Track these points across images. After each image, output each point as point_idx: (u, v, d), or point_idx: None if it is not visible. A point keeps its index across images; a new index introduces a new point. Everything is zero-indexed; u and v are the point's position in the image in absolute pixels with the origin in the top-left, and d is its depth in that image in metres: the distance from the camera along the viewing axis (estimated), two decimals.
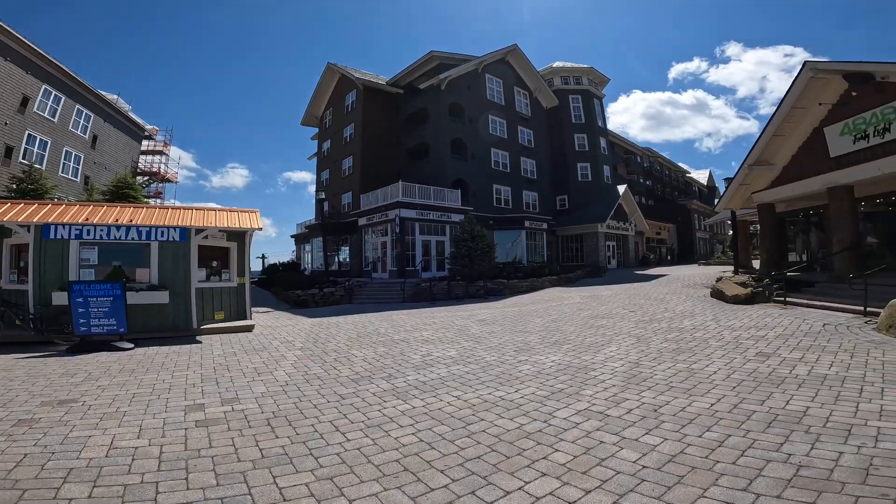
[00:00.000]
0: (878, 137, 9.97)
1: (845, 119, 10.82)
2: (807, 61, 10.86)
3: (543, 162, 31.88)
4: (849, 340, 6.39)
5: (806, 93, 11.44)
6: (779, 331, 7.44)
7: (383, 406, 4.53)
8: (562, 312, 11.38)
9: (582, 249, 31.08)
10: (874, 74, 9.82)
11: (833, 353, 5.73)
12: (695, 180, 53.32)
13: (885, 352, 5.60)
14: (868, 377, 4.54)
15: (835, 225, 11.35)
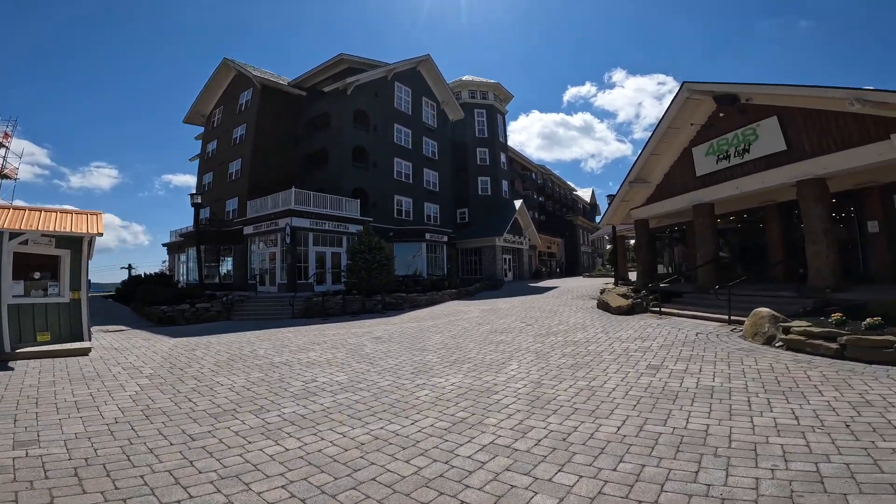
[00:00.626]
0: (738, 158, 11.25)
1: (711, 140, 12.05)
2: (685, 82, 11.93)
3: (446, 174, 32.19)
4: (722, 349, 6.87)
5: (681, 113, 12.55)
6: (660, 341, 7.84)
7: (247, 449, 3.64)
8: (462, 328, 11.08)
9: (480, 262, 31.80)
10: (739, 96, 10.96)
11: (712, 362, 6.05)
12: (580, 198, 58.44)
13: (756, 359, 6.06)
14: (751, 387, 4.74)
15: (699, 240, 12.69)
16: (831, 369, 5.37)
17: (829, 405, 4.03)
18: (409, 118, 29.47)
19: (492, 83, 36.34)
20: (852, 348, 5.96)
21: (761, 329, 7.56)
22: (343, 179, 24.61)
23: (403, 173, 28.39)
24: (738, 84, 10.55)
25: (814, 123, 9.32)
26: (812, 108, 9.30)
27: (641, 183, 14.76)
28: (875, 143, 8.08)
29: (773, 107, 10.16)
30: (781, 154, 10.04)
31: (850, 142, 8.59)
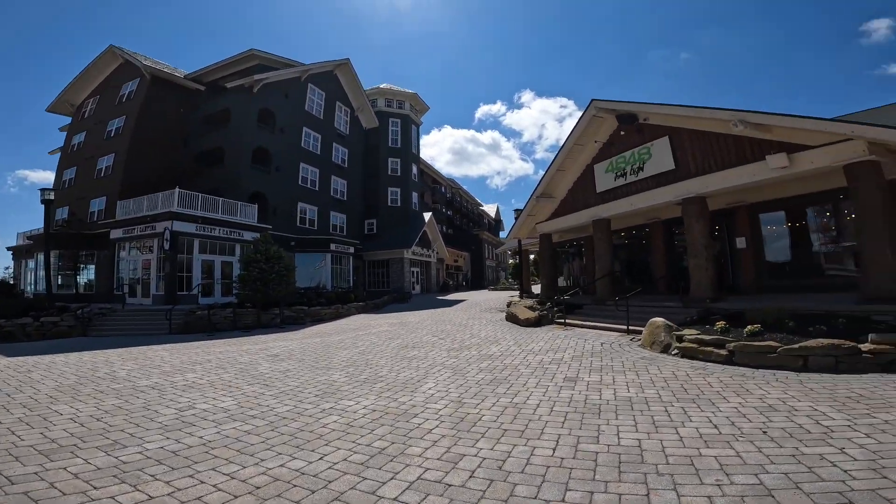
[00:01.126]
0: (633, 175, 12.11)
1: (611, 157, 12.87)
2: (593, 99, 12.63)
3: (355, 183, 31.10)
4: (627, 359, 7.10)
5: (587, 130, 13.26)
6: (571, 352, 7.95)
7: (90, 497, 2.76)
8: (371, 342, 10.35)
9: (388, 275, 31.08)
10: (638, 115, 11.80)
11: (622, 372, 6.16)
12: (486, 213, 60.66)
13: (660, 368, 6.30)
14: (664, 397, 4.80)
15: (597, 254, 13.47)
16: (725, 375, 5.73)
17: (739, 412, 4.16)
18: (321, 122, 28.09)
19: (409, 93, 36.25)
20: (740, 354, 6.46)
21: (658, 338, 8.01)
22: (240, 182, 22.47)
23: (310, 179, 26.81)
24: (638, 103, 11.41)
25: (699, 144, 10.33)
26: (698, 130, 10.31)
27: (547, 198, 15.40)
28: (751, 164, 9.13)
29: (666, 127, 11.11)
30: (670, 173, 11.00)
31: (730, 162, 9.63)
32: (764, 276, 11.49)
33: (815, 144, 8.25)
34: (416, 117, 37.75)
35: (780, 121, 8.30)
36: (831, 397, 4.46)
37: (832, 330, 6.51)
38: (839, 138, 7.81)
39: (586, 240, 17.71)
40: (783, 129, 8.49)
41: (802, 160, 8.39)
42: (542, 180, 15.14)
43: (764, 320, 7.48)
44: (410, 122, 36.52)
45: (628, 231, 15.82)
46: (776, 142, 8.79)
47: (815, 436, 3.42)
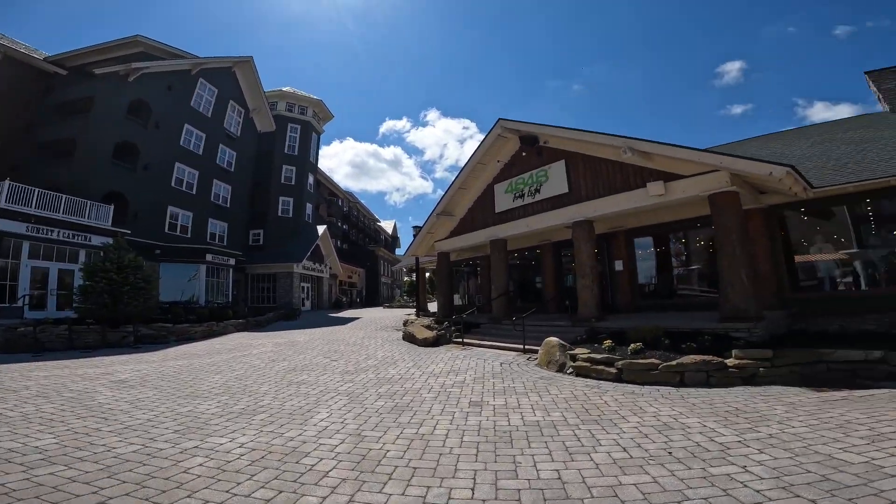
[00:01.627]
0: (530, 197, 12.51)
1: (511, 178, 13.20)
2: (500, 119, 12.90)
3: (242, 189, 28.35)
4: (528, 379, 7.09)
5: (491, 149, 13.53)
6: (472, 374, 7.74)
7: None
8: (251, 365, 9.08)
9: (275, 290, 28.64)
10: (539, 137, 12.27)
11: (525, 394, 6.06)
12: (383, 229, 59.80)
13: (559, 388, 6.33)
14: (569, 420, 4.73)
15: (494, 274, 13.72)
16: (618, 393, 5.92)
17: (640, 432, 4.21)
18: (207, 121, 25.27)
19: (314, 99, 34.47)
20: (627, 372, 6.80)
21: (553, 357, 8.20)
22: (94, 178, 19.09)
23: (186, 182, 23.78)
24: (541, 125, 11.92)
25: (591, 170, 11.06)
26: (590, 155, 11.03)
27: (447, 216, 15.43)
28: (634, 191, 9.94)
29: (563, 151, 11.73)
30: (564, 196, 11.60)
31: (616, 188, 10.41)
32: (637, 297, 12.70)
33: (687, 174, 9.13)
34: (319, 125, 36.04)
35: (660, 149, 9.17)
36: (713, 412, 4.77)
37: (700, 347, 7.18)
38: (707, 169, 8.72)
39: (483, 259, 18.13)
40: (662, 157, 9.38)
41: (676, 188, 9.28)
42: (444, 198, 15.15)
43: (644, 338, 8.07)
44: (311, 130, 34.71)
45: (521, 252, 16.53)
46: (656, 170, 9.69)
47: (715, 454, 3.52)
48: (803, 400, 5.09)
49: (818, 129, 14.85)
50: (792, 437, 3.81)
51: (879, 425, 3.96)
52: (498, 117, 12.93)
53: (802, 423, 4.22)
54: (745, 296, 8.31)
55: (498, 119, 12.86)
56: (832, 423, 4.13)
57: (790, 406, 4.85)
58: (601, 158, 10.86)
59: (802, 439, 3.75)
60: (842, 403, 4.84)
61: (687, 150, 8.81)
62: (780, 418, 4.41)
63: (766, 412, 4.65)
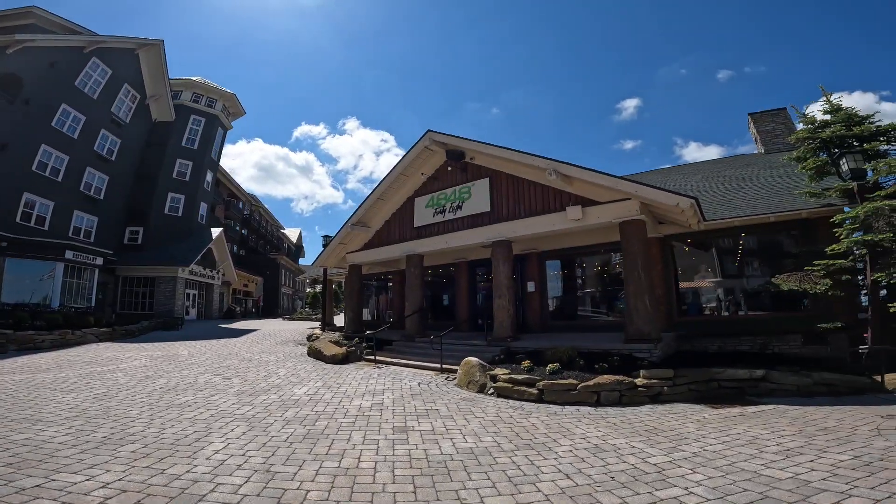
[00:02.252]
0: (451, 213, 12.25)
1: (433, 192, 12.88)
2: (429, 130, 12.46)
3: (122, 181, 24.59)
4: (451, 401, 6.75)
5: (416, 161, 13.03)
6: (390, 395, 7.20)
7: None
8: (117, 382, 7.54)
9: (153, 296, 25.04)
10: (466, 153, 12.08)
11: (450, 417, 5.71)
12: (287, 237, 56.04)
13: (484, 409, 6.09)
14: (503, 445, 4.46)
15: (409, 290, 13.28)
16: (543, 414, 5.83)
17: (576, 455, 4.07)
18: (92, 103, 21.88)
19: (226, 92, 31.41)
20: (548, 392, 6.79)
21: (473, 378, 7.97)
22: None
23: (51, 167, 20.03)
24: (470, 140, 11.74)
25: (513, 190, 11.19)
26: (514, 175, 11.14)
27: (362, 227, 14.72)
28: (552, 214, 10.21)
29: (488, 169, 11.72)
30: (485, 215, 11.57)
31: (536, 210, 10.60)
32: (547, 317, 13.13)
33: (602, 200, 9.56)
34: (227, 120, 32.85)
35: (582, 174, 9.51)
36: (635, 431, 4.84)
37: (611, 367, 7.48)
38: (621, 196, 9.19)
39: (395, 274, 17.63)
40: (581, 182, 9.72)
41: (592, 214, 9.69)
42: (360, 208, 14.44)
43: (560, 359, 8.22)
44: (218, 124, 31.50)
45: (436, 269, 16.35)
46: (574, 195, 10.03)
47: (654, 477, 3.46)
48: (707, 417, 5.41)
49: (705, 165, 16.84)
50: (714, 455, 3.93)
51: (784, 440, 4.27)
52: (425, 130, 12.64)
53: (717, 440, 4.41)
54: (648, 319, 8.87)
55: (427, 130, 12.58)
56: (742, 440, 4.37)
57: (699, 423, 5.11)
58: (524, 179, 11.08)
59: (724, 457, 3.87)
60: (741, 419, 5.21)
61: (606, 176, 9.29)
62: (696, 436, 4.58)
63: (681, 430, 4.83)
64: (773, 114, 17.07)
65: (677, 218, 9.76)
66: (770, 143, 16.80)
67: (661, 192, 8.70)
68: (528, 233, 10.79)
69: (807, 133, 10.21)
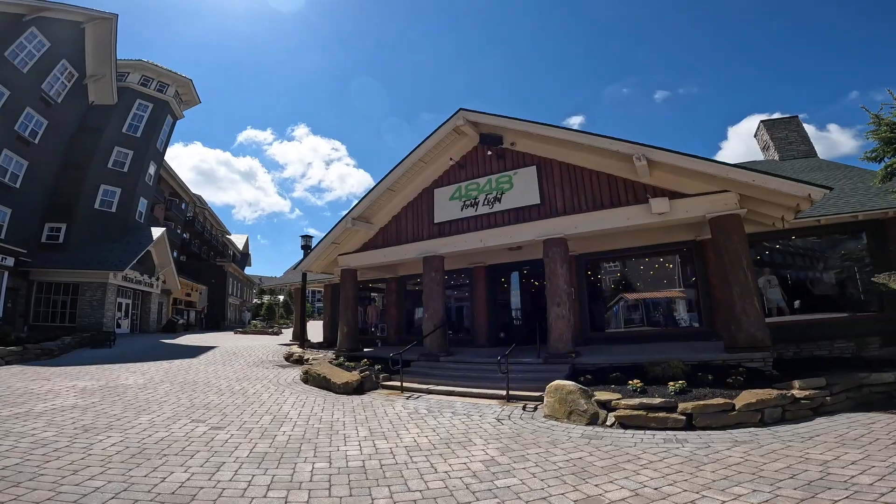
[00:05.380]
0: (486, 207, 10.11)
1: (460, 182, 10.73)
2: (461, 108, 10.22)
3: (45, 168, 20.28)
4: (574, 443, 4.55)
5: (439, 145, 10.80)
6: (482, 442, 4.97)
7: None
8: (35, 443, 4.59)
9: (77, 305, 20.56)
10: (504, 138, 10.10)
11: (605, 473, 3.48)
12: (232, 243, 50.73)
13: (644, 450, 3.89)
14: None
15: (428, 299, 10.84)
16: (726, 446, 3.74)
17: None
18: (19, 76, 18.18)
19: (181, 78, 27.44)
20: (700, 416, 5.26)
21: (577, 407, 5.91)
22: None
23: None
24: (515, 119, 9.68)
25: (570, 180, 9.30)
26: (571, 164, 9.31)
27: (364, 223, 12.14)
28: (627, 207, 8.50)
29: (533, 156, 9.82)
30: (533, 209, 9.63)
31: (602, 203, 8.85)
32: (588, 328, 11.23)
33: (691, 192, 8.14)
34: (178, 108, 28.55)
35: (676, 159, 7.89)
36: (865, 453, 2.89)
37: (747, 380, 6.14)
38: (718, 188, 7.82)
39: (390, 282, 15.10)
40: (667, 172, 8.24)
41: (680, 207, 8.18)
42: (363, 201, 11.87)
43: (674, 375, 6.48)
44: (167, 112, 27.22)
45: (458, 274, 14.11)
46: (653, 186, 8.45)
47: None
48: None
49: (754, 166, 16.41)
50: None
51: None
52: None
53: None
54: (760, 324, 7.52)
55: (459, 109, 10.38)
56: None
57: None
58: (584, 168, 9.30)
59: None
60: None
61: (712, 163, 7.73)
62: None
63: None
64: (785, 121, 16.97)
65: (768, 214, 8.36)
66: (784, 150, 16.42)
67: (788, 181, 7.18)
68: (591, 229, 8.95)
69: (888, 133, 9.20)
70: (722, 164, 7.67)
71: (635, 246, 10.73)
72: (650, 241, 10.43)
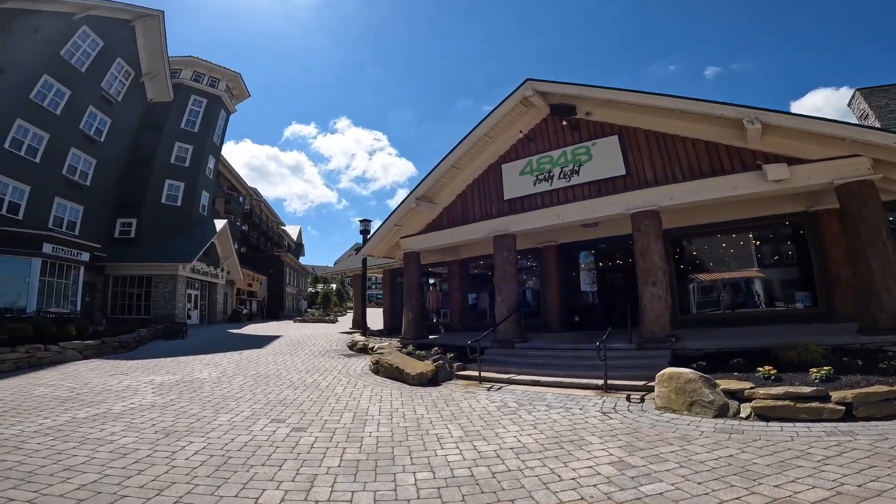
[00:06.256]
0: (563, 180, 9.36)
1: (531, 156, 10.01)
2: (528, 79, 9.52)
3: (112, 165, 21.18)
4: (713, 440, 3.70)
5: (505, 118, 10.15)
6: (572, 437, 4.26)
7: None
8: (115, 451, 4.34)
9: (149, 298, 21.62)
10: (577, 108, 9.26)
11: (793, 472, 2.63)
12: (287, 234, 52.33)
13: (817, 448, 2.96)
14: None
15: (500, 281, 10.18)
16: None
17: None
18: (78, 76, 18.77)
19: (230, 72, 28.04)
20: (862, 406, 4.43)
21: (700, 397, 5.09)
22: None
23: (28, 146, 16.75)
24: (592, 87, 8.90)
25: (659, 148, 8.41)
26: (660, 132, 8.37)
27: (427, 203, 11.60)
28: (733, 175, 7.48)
29: (612, 125, 9.01)
30: (617, 180, 8.76)
31: (702, 172, 7.82)
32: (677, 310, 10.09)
33: (814, 158, 7.01)
34: (231, 102, 29.26)
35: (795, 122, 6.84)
36: None
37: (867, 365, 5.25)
38: (846, 152, 6.73)
39: (452, 265, 14.47)
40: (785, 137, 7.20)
41: (801, 174, 7.08)
42: (426, 180, 11.32)
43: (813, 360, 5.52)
44: (221, 106, 27.93)
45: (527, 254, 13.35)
46: (761, 152, 7.38)
47: None
48: None
49: None
50: None
51: None
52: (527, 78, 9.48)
53: None
54: None
55: (526, 79, 9.56)
56: None
57: None
58: (675, 135, 8.32)
59: None
60: None
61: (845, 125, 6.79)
62: None
63: None
64: (884, 89, 15.12)
65: None
66: (885, 119, 14.58)
67: None
68: (688, 200, 8.02)
69: None
70: (857, 125, 6.72)
71: (730, 220, 9.56)
72: (748, 214, 9.22)
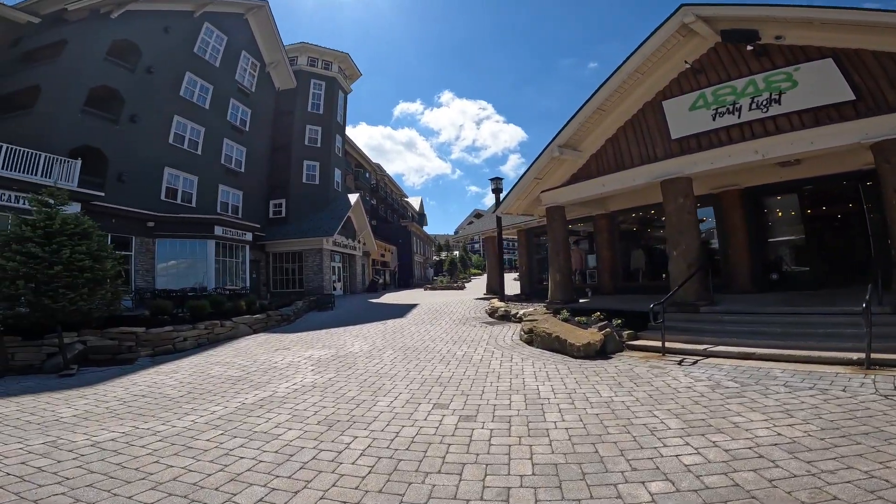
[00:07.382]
0: (757, 111, 7.26)
1: (702, 89, 8.03)
2: (683, 4, 7.66)
3: (259, 153, 23.29)
4: None
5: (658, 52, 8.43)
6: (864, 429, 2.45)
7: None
8: (280, 450, 3.96)
9: (301, 271, 23.70)
10: (760, 32, 7.23)
11: None
12: (410, 205, 54.25)
13: None
14: None
15: (676, 233, 8.23)
16: None
17: None
18: (215, 71, 20.48)
19: (340, 53, 28.97)
20: None
21: None
22: (59, 131, 14.31)
23: (188, 139, 18.76)
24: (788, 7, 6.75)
25: None
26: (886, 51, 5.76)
27: (571, 151, 9.97)
28: None
29: (822, 48, 6.86)
30: (843, 106, 6.36)
31: None
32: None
33: None
34: (346, 83, 30.41)
35: None
36: None
37: None
38: None
39: (600, 219, 12.61)
40: None
41: None
42: (568, 126, 9.71)
43: None
44: (338, 87, 29.12)
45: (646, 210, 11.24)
46: None
47: None
48: None
49: None
50: None
51: None
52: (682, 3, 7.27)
53: None
54: None
55: (680, 5, 7.45)
56: None
57: None
58: None
59: None
60: None
61: None
62: None
63: None
64: None
65: None
66: None
67: None
68: None
69: None
70: None
71: None
72: None
